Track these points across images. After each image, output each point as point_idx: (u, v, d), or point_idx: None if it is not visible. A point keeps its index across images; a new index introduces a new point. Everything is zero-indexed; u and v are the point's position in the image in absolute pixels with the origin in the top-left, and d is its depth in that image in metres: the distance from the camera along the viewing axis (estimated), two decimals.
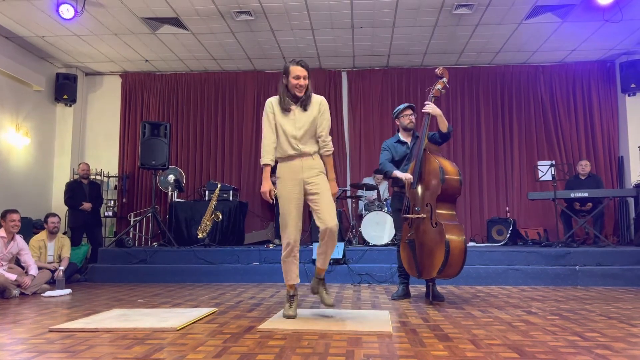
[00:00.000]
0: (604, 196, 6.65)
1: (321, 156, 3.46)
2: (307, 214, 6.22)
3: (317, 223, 3.33)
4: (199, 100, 8.64)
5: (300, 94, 3.37)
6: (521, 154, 8.18)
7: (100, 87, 8.83)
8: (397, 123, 4.53)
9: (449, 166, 4.05)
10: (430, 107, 4.22)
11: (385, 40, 7.39)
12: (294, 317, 3.39)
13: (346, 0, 6.14)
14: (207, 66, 8.46)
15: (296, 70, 3.34)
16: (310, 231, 6.89)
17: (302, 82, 3.35)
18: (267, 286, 5.49)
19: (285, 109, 3.39)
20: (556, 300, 4.34)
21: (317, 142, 3.43)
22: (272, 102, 3.45)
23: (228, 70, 8.64)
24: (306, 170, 3.38)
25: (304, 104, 3.39)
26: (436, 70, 4.38)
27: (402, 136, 4.49)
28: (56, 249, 5.91)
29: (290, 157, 3.40)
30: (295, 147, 3.37)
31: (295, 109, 3.40)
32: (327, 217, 3.28)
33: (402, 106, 4.49)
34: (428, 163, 4.10)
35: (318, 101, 3.45)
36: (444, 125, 4.24)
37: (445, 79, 4.33)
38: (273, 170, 3.46)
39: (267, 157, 3.40)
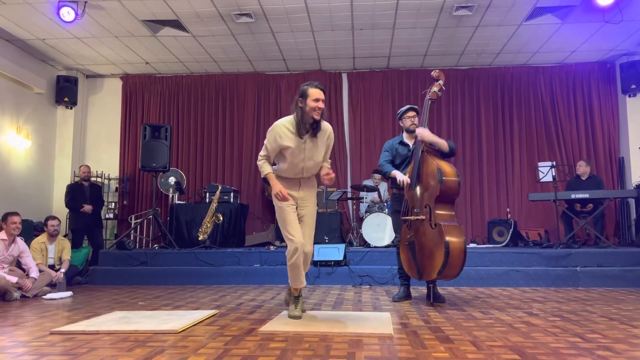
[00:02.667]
0: (605, 197, 6.65)
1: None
2: None
3: None
4: (200, 102, 8.65)
5: (317, 117, 3.38)
6: (522, 155, 8.17)
7: (101, 90, 8.84)
8: (401, 124, 4.53)
9: (446, 167, 4.04)
10: (420, 133, 4.16)
11: (386, 42, 7.39)
12: (299, 317, 3.45)
13: (346, 2, 6.15)
14: (208, 68, 8.47)
15: (316, 93, 3.36)
16: None
17: (321, 104, 3.37)
18: (268, 288, 5.49)
19: (301, 136, 3.41)
20: (557, 301, 4.34)
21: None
22: (284, 128, 3.42)
23: (228, 72, 8.65)
24: (303, 188, 3.59)
25: (316, 131, 3.43)
26: (432, 72, 4.36)
27: (405, 138, 4.49)
28: (56, 251, 5.93)
29: (292, 178, 3.56)
30: (302, 174, 3.54)
31: (307, 137, 3.43)
32: (306, 240, 3.49)
33: (404, 108, 4.48)
34: (426, 164, 4.10)
35: (327, 132, 3.53)
36: (443, 147, 4.20)
37: (441, 81, 4.32)
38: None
39: (267, 168, 3.53)
